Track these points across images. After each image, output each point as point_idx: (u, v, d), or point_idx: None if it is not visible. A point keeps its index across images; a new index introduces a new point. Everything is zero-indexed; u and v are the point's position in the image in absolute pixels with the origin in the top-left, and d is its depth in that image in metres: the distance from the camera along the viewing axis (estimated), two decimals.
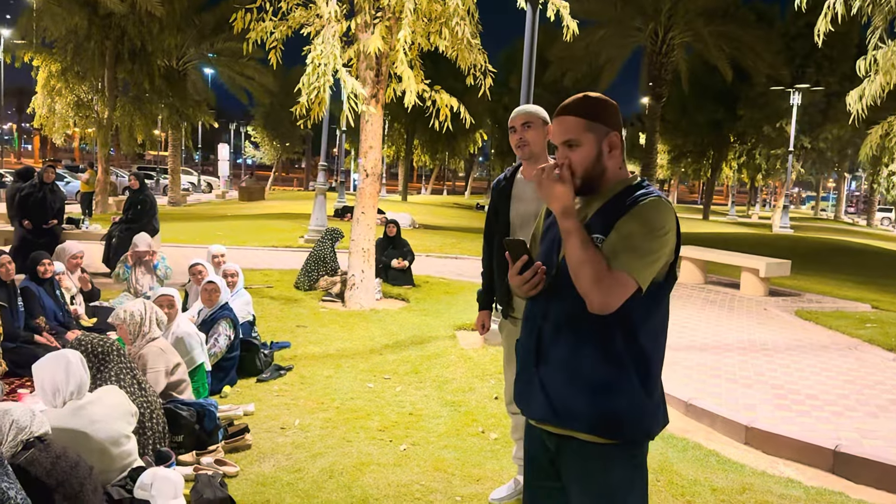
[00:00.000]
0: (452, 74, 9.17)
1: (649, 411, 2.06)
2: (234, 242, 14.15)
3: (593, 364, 2.03)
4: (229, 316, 5.65)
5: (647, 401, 2.05)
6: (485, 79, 8.68)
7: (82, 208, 20.08)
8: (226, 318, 5.59)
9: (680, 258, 2.10)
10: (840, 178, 62.40)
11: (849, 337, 8.14)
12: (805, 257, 17.26)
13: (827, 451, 4.46)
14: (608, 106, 2.10)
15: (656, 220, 1.98)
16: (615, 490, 2.07)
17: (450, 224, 24.91)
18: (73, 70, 22.98)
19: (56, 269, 6.48)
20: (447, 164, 59.02)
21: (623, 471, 2.06)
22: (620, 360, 2.02)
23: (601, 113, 2.09)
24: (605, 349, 2.02)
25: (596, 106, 2.09)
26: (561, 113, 2.13)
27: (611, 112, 2.10)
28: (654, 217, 1.98)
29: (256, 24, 8.34)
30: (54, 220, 9.59)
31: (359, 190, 8.84)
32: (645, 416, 2.06)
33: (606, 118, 2.08)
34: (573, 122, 2.09)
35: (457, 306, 8.85)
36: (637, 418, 2.04)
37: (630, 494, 2.08)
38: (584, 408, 2.03)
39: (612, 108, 2.10)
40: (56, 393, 3.17)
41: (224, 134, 61.96)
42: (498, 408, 5.13)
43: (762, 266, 10.81)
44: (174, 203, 29.34)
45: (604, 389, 2.02)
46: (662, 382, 2.15)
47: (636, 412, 2.04)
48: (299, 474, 3.95)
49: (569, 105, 2.12)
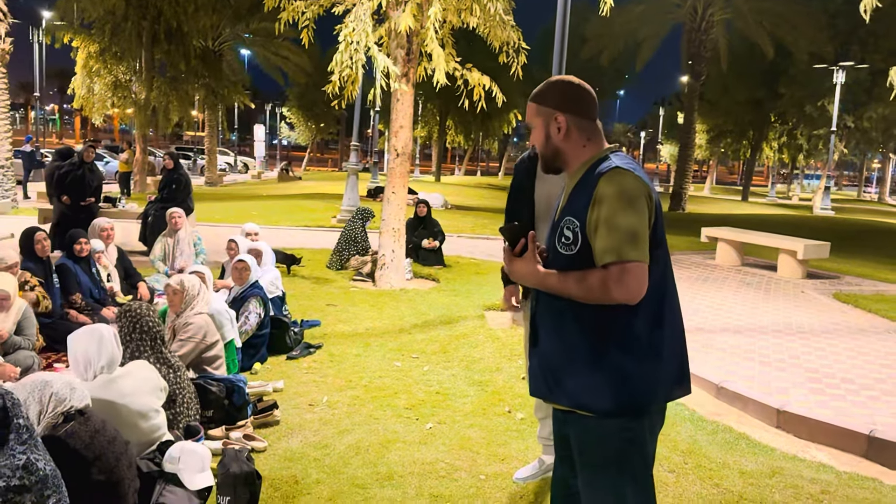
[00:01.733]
0: (486, 53, 9.06)
1: (635, 384, 2.06)
2: (267, 222, 14.28)
3: (573, 340, 2.10)
4: (259, 294, 5.70)
5: (634, 373, 2.06)
6: (517, 57, 8.58)
7: (121, 188, 20.45)
8: (256, 297, 5.65)
9: (659, 226, 2.09)
10: (885, 159, 60.68)
11: (888, 321, 7.94)
12: (845, 239, 16.85)
13: (861, 435, 4.37)
14: (555, 87, 2.19)
15: (620, 193, 2.00)
16: (608, 464, 2.12)
17: (482, 205, 24.83)
18: (111, 51, 23.29)
19: (94, 247, 6.60)
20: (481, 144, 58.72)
21: (615, 444, 2.11)
22: (599, 334, 2.07)
23: (547, 95, 2.20)
24: (582, 324, 2.08)
25: (543, 89, 2.22)
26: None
27: (557, 93, 2.18)
28: (616, 191, 2.01)
29: (288, 4, 8.35)
30: (92, 198, 9.75)
31: (389, 169, 8.85)
32: (629, 389, 2.06)
33: (551, 100, 2.18)
34: (529, 107, 2.25)
35: (486, 287, 8.83)
36: (619, 391, 2.06)
37: (623, 468, 2.12)
38: (569, 382, 2.11)
39: (559, 90, 2.18)
40: (88, 366, 3.24)
41: (259, 115, 62.36)
42: (525, 387, 5.10)
43: (800, 248, 10.58)
44: (211, 183, 29.69)
45: (585, 363, 2.09)
46: (671, 357, 2.12)
47: (617, 385, 2.06)
48: (326, 450, 3.99)
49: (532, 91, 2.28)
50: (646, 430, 2.13)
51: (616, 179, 2.03)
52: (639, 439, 2.12)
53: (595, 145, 2.18)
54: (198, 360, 4.69)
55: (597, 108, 2.23)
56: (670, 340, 2.12)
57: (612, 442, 2.12)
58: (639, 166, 2.13)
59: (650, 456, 2.18)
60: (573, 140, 2.17)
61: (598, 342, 2.08)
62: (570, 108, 2.17)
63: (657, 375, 2.09)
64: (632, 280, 1.98)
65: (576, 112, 2.18)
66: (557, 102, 2.18)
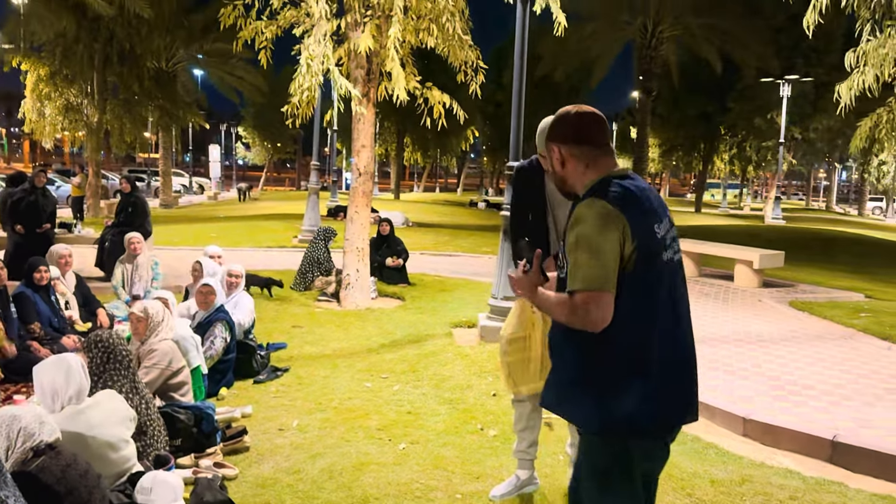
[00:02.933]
0: (444, 71, 9.14)
1: (617, 405, 2.11)
2: (227, 244, 14.05)
3: (567, 357, 2.22)
4: (225, 318, 5.63)
5: (615, 394, 2.11)
6: (475, 75, 8.67)
7: (73, 212, 19.98)
8: (221, 321, 5.57)
9: (636, 252, 2.11)
10: (831, 169, 62.62)
11: (843, 327, 8.17)
12: (798, 248, 17.31)
13: (825, 441, 4.48)
14: (554, 121, 2.36)
15: (586, 222, 2.09)
16: (592, 477, 2.21)
17: (443, 221, 24.89)
18: (61, 74, 22.82)
19: (52, 274, 6.45)
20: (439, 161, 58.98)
21: (600, 460, 2.19)
22: (586, 353, 2.15)
23: (550, 129, 2.37)
24: (573, 343, 2.18)
25: (551, 124, 2.38)
26: None
27: (554, 126, 2.35)
28: (583, 220, 2.10)
29: (246, 23, 8.32)
30: (47, 224, 9.53)
31: (352, 189, 8.83)
32: (608, 410, 2.12)
33: (550, 133, 2.35)
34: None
35: (452, 304, 8.85)
36: (600, 411, 2.13)
37: (606, 485, 2.19)
38: (564, 398, 2.23)
39: (556, 123, 2.34)
40: (55, 397, 3.16)
41: (215, 135, 61.68)
42: (496, 405, 5.13)
43: (756, 258, 10.84)
44: (166, 205, 29.21)
45: (575, 381, 2.19)
46: (663, 383, 2.15)
47: (598, 405, 2.13)
48: (299, 475, 3.94)
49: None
50: (633, 452, 2.16)
51: (585, 208, 2.11)
52: (623, 460, 2.16)
53: (597, 169, 2.24)
54: (164, 387, 4.60)
55: (598, 133, 2.28)
56: (661, 366, 2.13)
57: (596, 457, 2.19)
58: (635, 193, 2.15)
59: (637, 480, 2.20)
60: (570, 167, 2.28)
61: (585, 361, 2.16)
62: (563, 139, 2.29)
63: (642, 399, 2.11)
64: (592, 309, 2.04)
65: (571, 141, 2.27)
66: (554, 135, 2.33)
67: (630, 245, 2.07)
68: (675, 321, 2.19)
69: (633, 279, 2.09)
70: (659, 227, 2.14)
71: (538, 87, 33.56)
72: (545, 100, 46.88)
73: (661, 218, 2.17)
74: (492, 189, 59.32)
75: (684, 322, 2.23)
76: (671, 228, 2.21)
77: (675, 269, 2.21)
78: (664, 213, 2.20)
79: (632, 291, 2.09)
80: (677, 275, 2.21)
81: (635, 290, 2.09)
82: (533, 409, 3.68)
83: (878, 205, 58.70)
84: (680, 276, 2.24)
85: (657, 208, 2.18)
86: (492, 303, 7.15)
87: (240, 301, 6.37)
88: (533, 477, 3.77)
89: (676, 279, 2.21)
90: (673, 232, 2.22)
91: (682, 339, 2.22)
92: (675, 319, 2.20)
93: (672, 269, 2.19)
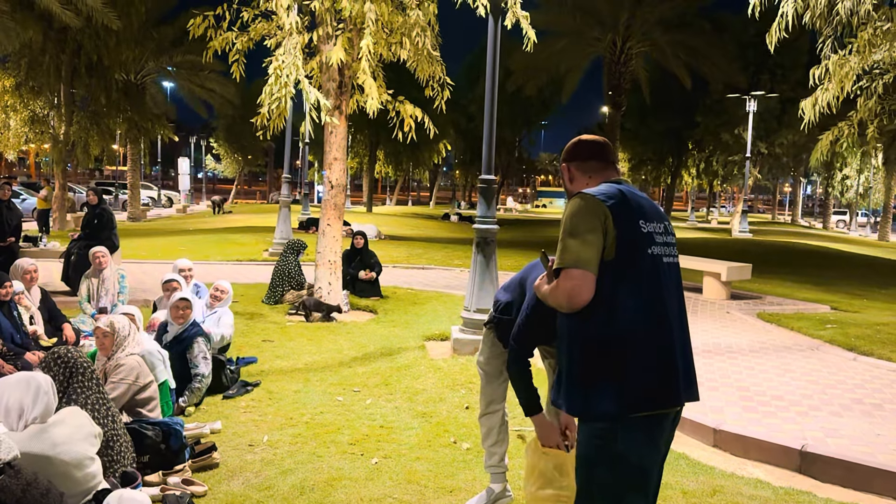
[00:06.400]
0: (415, 86, 9.15)
1: (591, 391, 2.23)
2: (197, 257, 13.91)
3: (561, 347, 2.36)
4: (201, 333, 5.57)
5: (590, 380, 2.24)
6: (442, 91, 8.70)
7: (39, 226, 19.64)
8: (200, 337, 5.53)
9: (618, 241, 2.25)
10: (796, 183, 63.79)
11: (810, 338, 8.30)
12: (764, 261, 17.58)
13: (794, 451, 4.53)
14: (568, 146, 2.64)
15: (572, 210, 2.28)
16: (582, 462, 2.34)
17: (416, 234, 24.89)
18: (27, 85, 22.51)
19: (15, 289, 6.31)
20: (411, 174, 58.99)
21: (588, 446, 2.31)
22: (570, 340, 2.30)
23: (564, 153, 2.65)
24: (563, 331, 2.34)
25: (564, 148, 2.64)
26: None
27: (567, 149, 2.63)
28: (569, 209, 2.30)
29: (216, 34, 8.27)
30: (12, 237, 9.35)
31: (324, 202, 8.79)
32: (582, 395, 2.25)
33: (565, 155, 2.64)
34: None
35: (425, 317, 8.83)
36: (575, 397, 2.27)
37: (594, 470, 2.30)
38: (559, 387, 2.36)
39: (569, 146, 2.63)
40: (20, 415, 3.08)
41: (184, 147, 61.14)
42: (469, 418, 5.11)
43: (723, 270, 10.99)
44: (134, 218, 28.82)
45: (565, 369, 2.32)
46: (643, 368, 2.21)
47: (575, 390, 2.27)
48: (269, 492, 3.88)
49: None
50: (618, 438, 2.22)
51: (573, 200, 2.31)
52: (609, 445, 2.24)
53: (598, 179, 2.50)
54: (131, 402, 4.51)
55: (601, 151, 2.56)
56: (643, 352, 2.22)
57: (586, 444, 2.31)
58: (623, 192, 2.34)
59: (627, 467, 2.25)
60: (578, 180, 2.56)
61: (569, 348, 2.29)
62: (570, 158, 2.61)
63: (621, 384, 2.20)
64: (572, 285, 2.19)
65: (576, 159, 2.59)
66: (563, 157, 2.65)
67: (612, 233, 2.21)
68: (665, 308, 2.28)
69: (617, 268, 2.21)
70: (646, 223, 2.29)
71: (510, 100, 33.82)
72: (517, 113, 47.34)
73: (650, 218, 2.32)
74: (464, 202, 59.50)
75: (672, 314, 2.30)
76: (665, 233, 2.35)
77: (666, 268, 2.32)
78: (657, 217, 2.36)
79: (615, 278, 2.21)
80: (668, 275, 2.32)
81: (619, 277, 2.21)
82: (501, 423, 3.68)
83: (841, 218, 59.85)
84: (673, 279, 2.35)
85: (647, 210, 2.33)
86: (465, 315, 7.15)
87: (223, 316, 6.49)
88: (506, 489, 3.76)
89: (668, 280, 2.31)
90: (668, 238, 2.36)
91: (671, 324, 2.29)
92: (662, 311, 2.27)
93: (661, 267, 2.29)
